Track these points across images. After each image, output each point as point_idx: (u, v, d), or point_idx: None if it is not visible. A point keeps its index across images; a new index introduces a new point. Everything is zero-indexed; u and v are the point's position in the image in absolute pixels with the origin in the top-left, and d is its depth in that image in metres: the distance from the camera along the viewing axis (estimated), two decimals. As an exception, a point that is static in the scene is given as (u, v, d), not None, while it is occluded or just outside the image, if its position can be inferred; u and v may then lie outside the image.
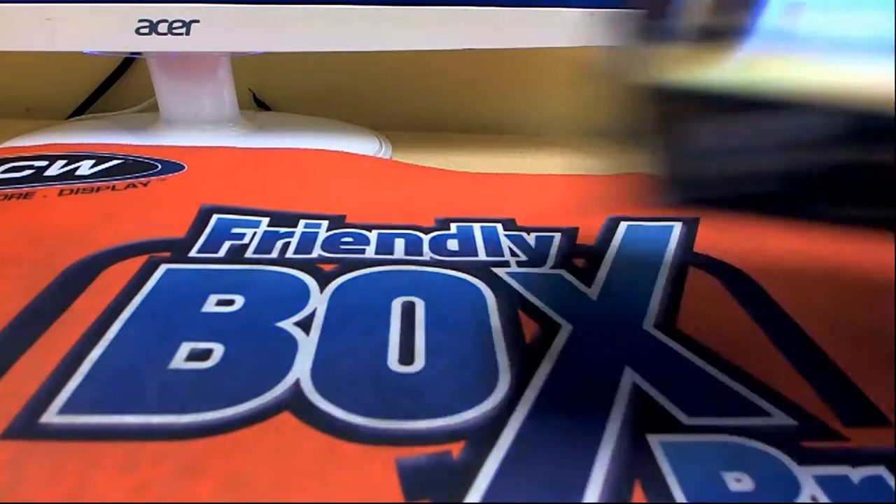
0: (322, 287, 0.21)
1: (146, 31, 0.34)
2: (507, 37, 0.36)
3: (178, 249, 0.23)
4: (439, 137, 0.46)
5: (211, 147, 0.36)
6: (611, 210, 0.28)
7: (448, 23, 0.35)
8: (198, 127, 0.39)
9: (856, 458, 0.15)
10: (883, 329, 0.21)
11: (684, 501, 0.14)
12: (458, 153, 0.42)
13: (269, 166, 0.33)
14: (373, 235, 0.25)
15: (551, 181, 0.34)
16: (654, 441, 0.15)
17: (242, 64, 0.47)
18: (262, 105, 0.49)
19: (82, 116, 0.48)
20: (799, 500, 0.14)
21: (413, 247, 0.24)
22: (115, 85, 0.48)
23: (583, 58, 0.49)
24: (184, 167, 0.33)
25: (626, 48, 0.11)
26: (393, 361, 0.17)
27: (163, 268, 0.21)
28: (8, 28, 0.33)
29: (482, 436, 0.15)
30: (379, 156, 0.39)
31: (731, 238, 0.28)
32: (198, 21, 0.34)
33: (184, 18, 0.33)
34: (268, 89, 0.49)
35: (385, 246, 0.24)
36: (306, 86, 0.49)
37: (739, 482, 0.14)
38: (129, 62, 0.48)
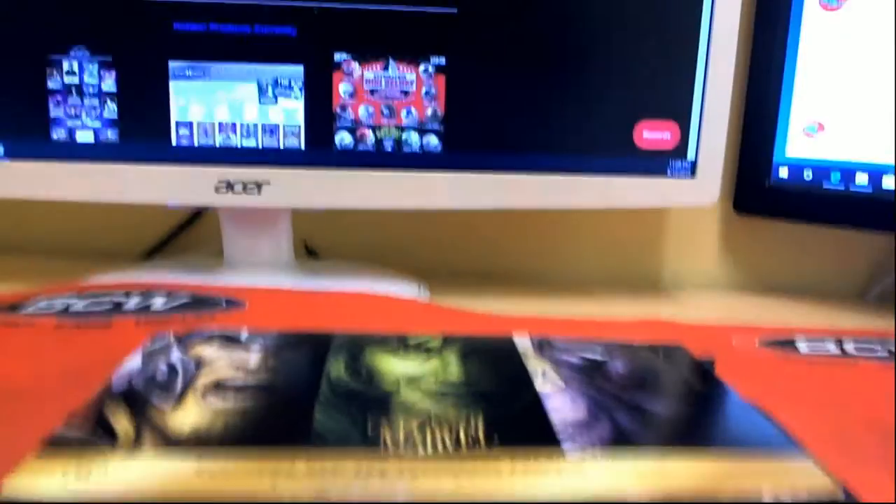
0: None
1: (224, 189, 0.39)
2: (537, 198, 0.41)
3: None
4: (476, 282, 0.50)
5: (268, 288, 0.40)
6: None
7: (486, 186, 0.40)
8: (257, 270, 0.44)
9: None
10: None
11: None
12: (493, 298, 0.46)
13: (319, 306, 0.37)
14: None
15: (577, 325, 0.37)
16: None
17: (299, 215, 0.52)
18: (311, 253, 0.54)
19: (154, 258, 0.53)
20: None
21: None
22: (185, 231, 0.54)
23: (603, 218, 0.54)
24: (244, 304, 0.36)
25: None
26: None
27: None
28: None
29: None
30: (417, 299, 0.43)
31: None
32: (268, 183, 0.39)
33: (257, 180, 0.39)
34: (317, 238, 0.55)
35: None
36: (352, 235, 0.55)
37: None
38: (199, 212, 0.54)
